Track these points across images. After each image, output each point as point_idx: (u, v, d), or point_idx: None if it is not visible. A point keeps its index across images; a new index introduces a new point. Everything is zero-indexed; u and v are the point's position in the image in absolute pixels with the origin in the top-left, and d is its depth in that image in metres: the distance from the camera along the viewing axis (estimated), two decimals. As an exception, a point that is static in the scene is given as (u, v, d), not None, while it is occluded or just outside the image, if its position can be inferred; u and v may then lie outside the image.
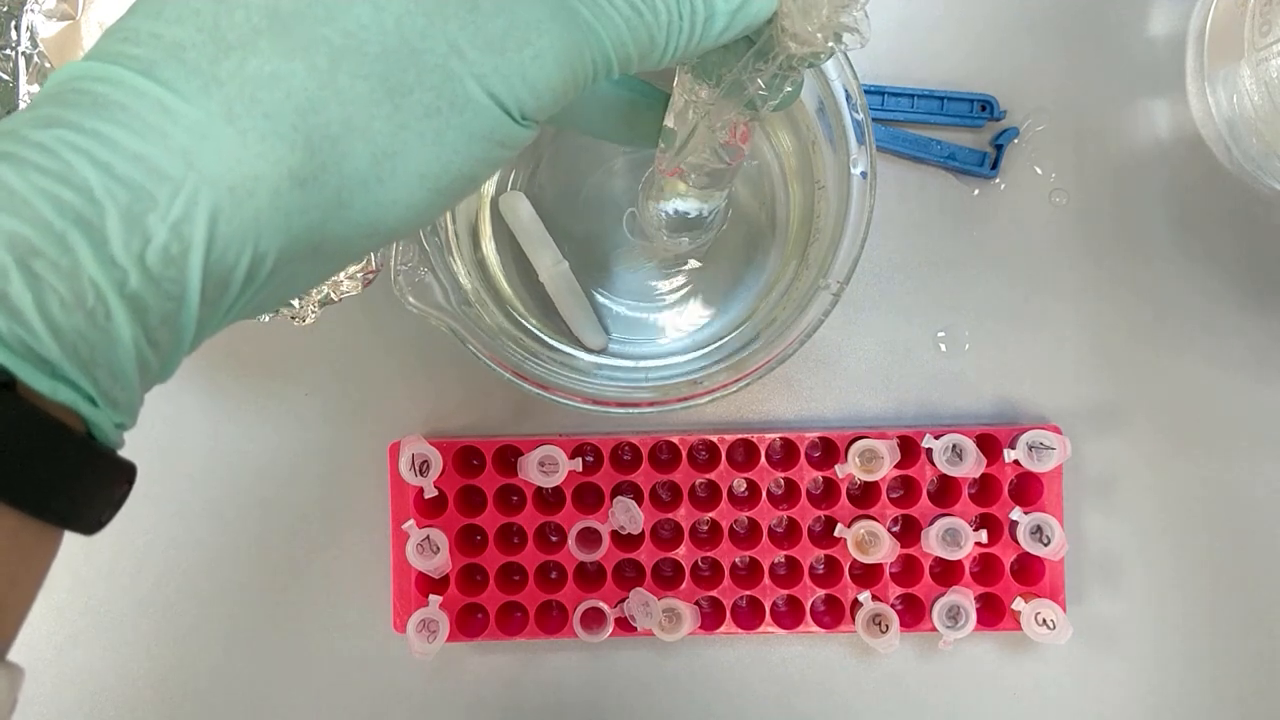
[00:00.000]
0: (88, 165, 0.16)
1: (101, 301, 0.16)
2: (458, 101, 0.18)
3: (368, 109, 0.18)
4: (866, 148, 0.29)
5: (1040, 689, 0.38)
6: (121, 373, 0.17)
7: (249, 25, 0.17)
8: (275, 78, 0.17)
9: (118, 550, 0.38)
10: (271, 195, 0.17)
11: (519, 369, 0.30)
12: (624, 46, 0.20)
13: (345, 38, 0.17)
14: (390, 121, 0.18)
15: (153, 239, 0.16)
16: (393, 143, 0.18)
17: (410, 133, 0.18)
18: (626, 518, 0.35)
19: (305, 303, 0.33)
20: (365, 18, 0.17)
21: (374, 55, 0.18)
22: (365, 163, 0.18)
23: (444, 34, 0.18)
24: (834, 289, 0.29)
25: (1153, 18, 0.38)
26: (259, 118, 0.17)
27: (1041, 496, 0.36)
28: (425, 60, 0.18)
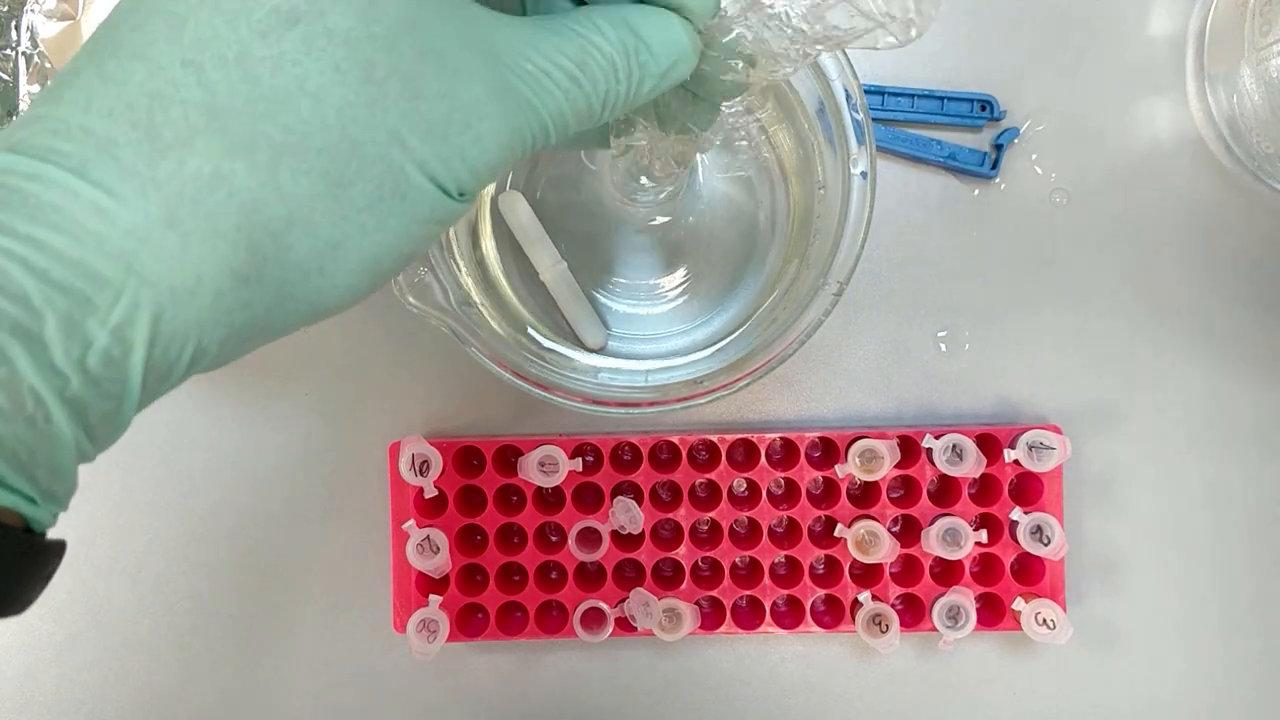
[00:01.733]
0: (24, 273, 0.16)
1: (41, 407, 0.16)
2: (399, 189, 0.18)
3: (310, 204, 0.18)
4: (866, 148, 0.29)
5: (1040, 689, 0.38)
6: (61, 470, 0.17)
7: (186, 123, 0.17)
8: (216, 178, 0.17)
9: (118, 551, 0.38)
10: (214, 295, 0.17)
11: (519, 369, 0.30)
12: (562, 117, 0.20)
13: (286, 133, 0.17)
14: (332, 214, 0.18)
15: (93, 344, 0.16)
16: (335, 234, 0.18)
17: (352, 223, 0.18)
18: (627, 518, 0.35)
19: None
20: (306, 112, 0.17)
21: (316, 150, 0.17)
22: (307, 255, 0.18)
23: (385, 124, 0.18)
24: (834, 289, 0.29)
25: (1153, 18, 0.38)
26: (201, 220, 0.17)
27: (1041, 496, 0.36)
28: (367, 151, 0.18)
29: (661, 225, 0.34)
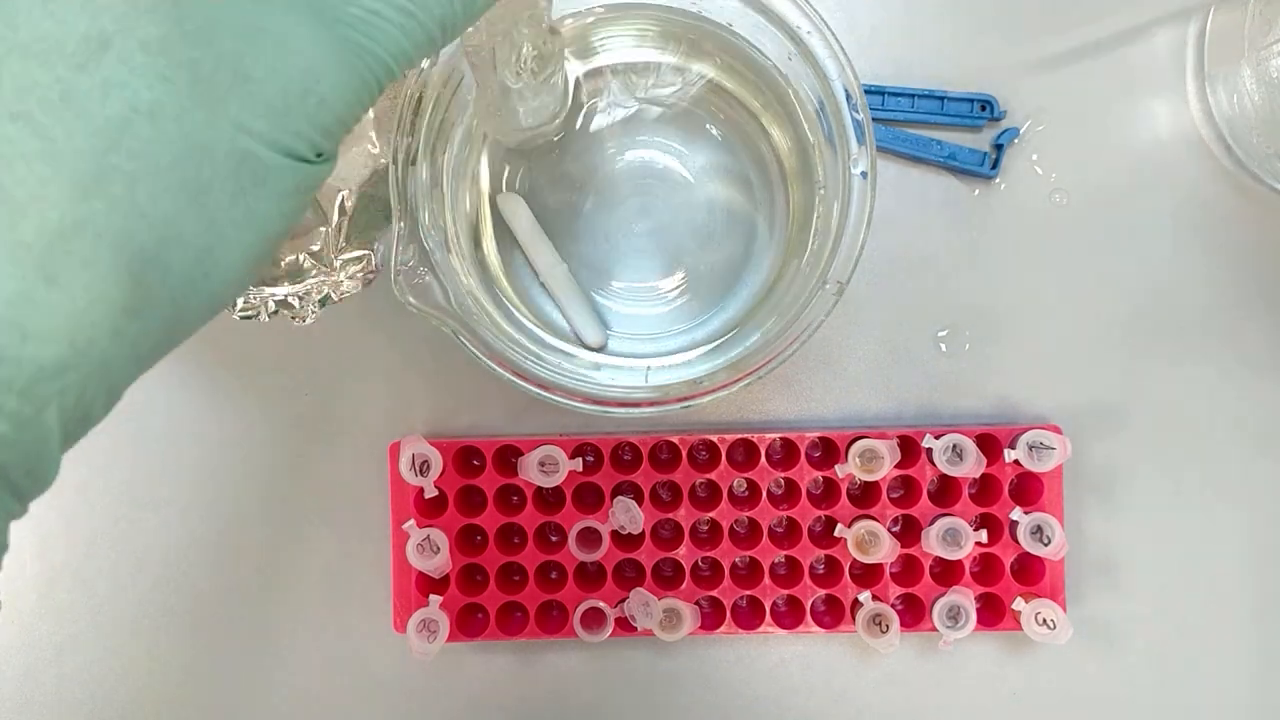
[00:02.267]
0: None
1: None
2: (258, 176, 0.18)
3: (177, 220, 0.17)
4: (866, 148, 0.29)
5: (1040, 689, 0.38)
6: None
7: (33, 177, 0.16)
8: (79, 224, 0.16)
9: (118, 550, 0.38)
10: (112, 335, 0.17)
11: (519, 369, 0.30)
12: (404, 54, 0.20)
13: (133, 159, 0.17)
14: (201, 222, 0.18)
15: (2, 410, 0.16)
16: (209, 239, 0.18)
17: (223, 224, 0.18)
18: (627, 518, 0.35)
19: (305, 303, 0.33)
20: (146, 132, 0.17)
21: (167, 166, 0.17)
22: (189, 267, 0.18)
23: (226, 117, 0.18)
24: (834, 289, 0.29)
25: (1153, 18, 0.38)
26: (76, 269, 0.16)
27: (1042, 496, 0.36)
28: (217, 150, 0.18)
29: (662, 225, 0.34)
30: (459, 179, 0.33)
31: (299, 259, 0.34)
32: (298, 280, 0.33)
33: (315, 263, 0.34)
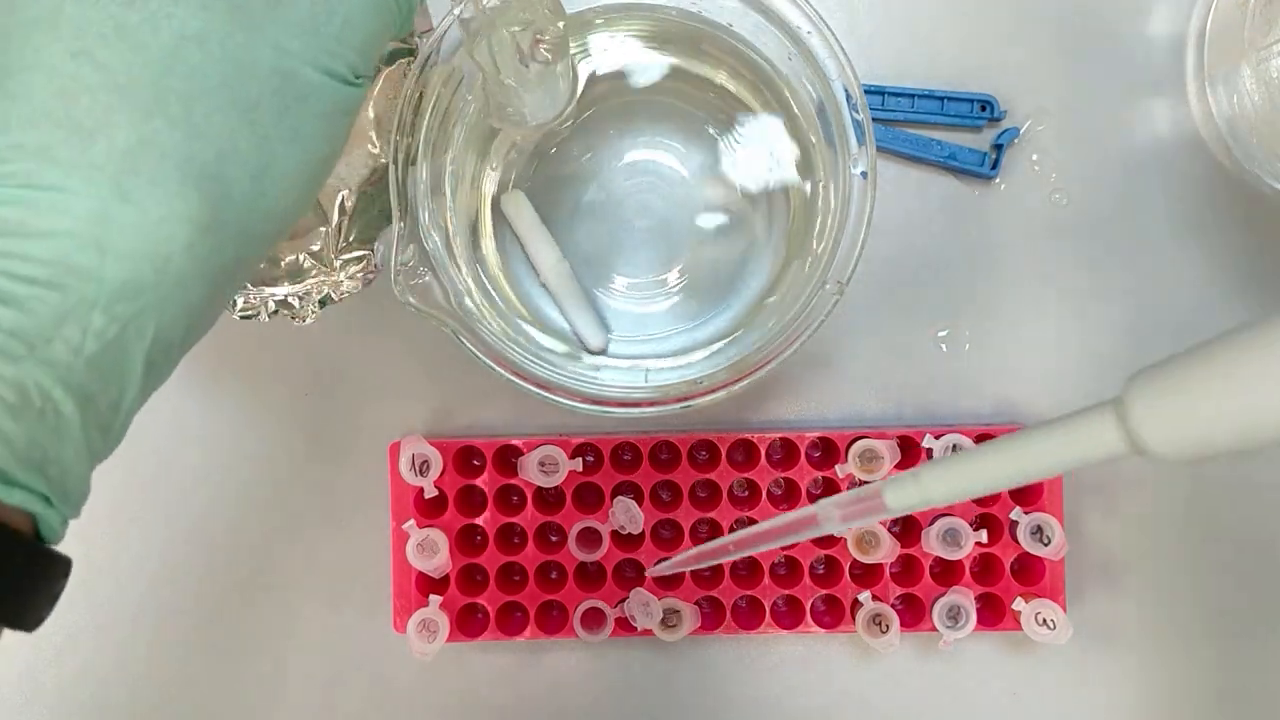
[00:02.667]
0: (10, 281, 0.17)
1: (49, 400, 0.17)
2: (301, 93, 0.20)
3: (231, 136, 0.19)
4: (866, 148, 0.29)
5: (1040, 689, 0.38)
6: (72, 467, 0.19)
7: (99, 106, 0.18)
8: (144, 143, 0.18)
9: (118, 550, 0.38)
10: (186, 250, 0.18)
11: (519, 369, 0.30)
12: None
13: (187, 81, 0.18)
14: (253, 139, 0.19)
15: (89, 328, 0.17)
16: (262, 157, 0.19)
17: (274, 141, 0.19)
18: (626, 517, 0.35)
19: (305, 303, 0.33)
20: (195, 56, 0.18)
21: (216, 86, 0.19)
22: (247, 184, 0.19)
23: (265, 39, 0.19)
24: (834, 289, 0.29)
25: (1153, 18, 0.38)
26: (146, 184, 0.18)
27: (1042, 496, 0.36)
28: (260, 69, 0.19)
29: (662, 225, 0.34)
30: (459, 179, 0.33)
31: (299, 259, 0.34)
32: (298, 280, 0.33)
33: (315, 263, 0.34)
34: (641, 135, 0.34)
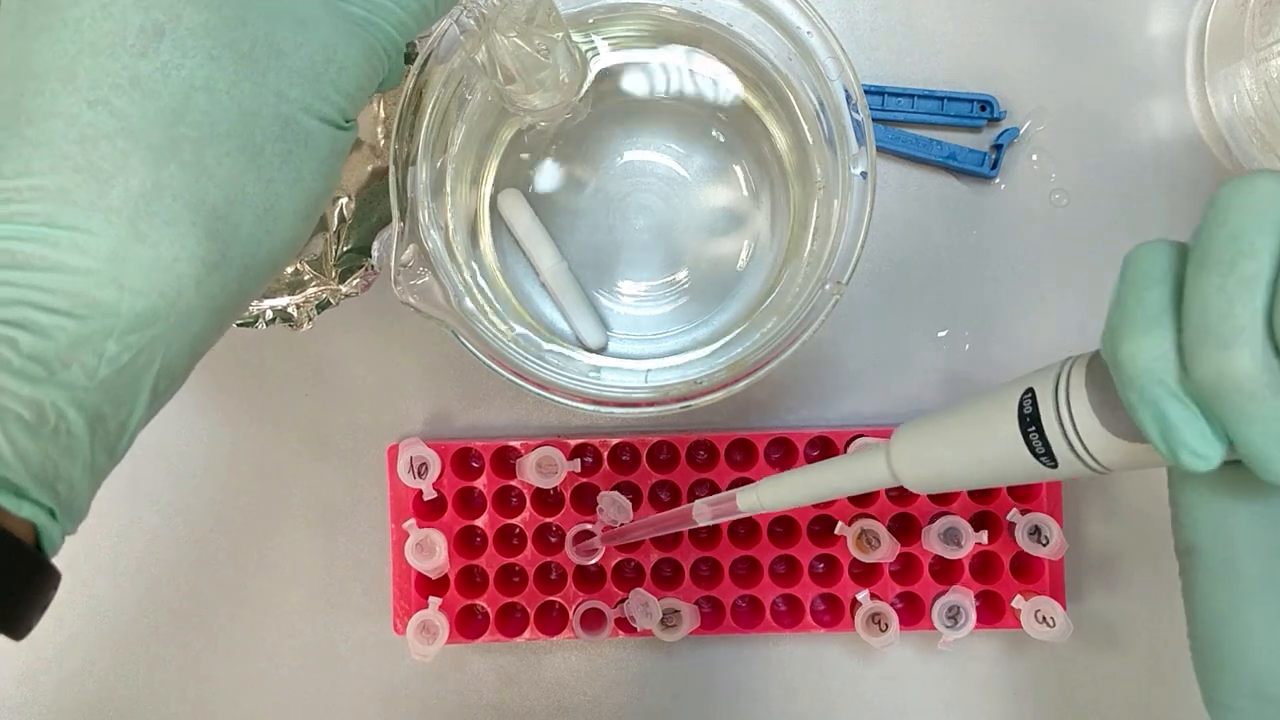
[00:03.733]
0: (34, 310, 0.18)
1: (64, 420, 0.19)
2: (301, 138, 0.21)
3: (240, 180, 0.20)
4: (866, 148, 0.29)
5: (1040, 687, 0.38)
6: (79, 484, 0.20)
7: (116, 152, 0.19)
8: (159, 187, 0.19)
9: (118, 550, 0.38)
10: (195, 287, 0.20)
11: (519, 369, 0.30)
12: (405, 26, 0.23)
13: (197, 128, 0.19)
14: (260, 180, 0.20)
15: (104, 355, 0.19)
16: (267, 197, 0.21)
17: (278, 183, 0.21)
18: (615, 509, 0.35)
19: (303, 311, 0.33)
20: (205, 103, 0.20)
21: (225, 132, 0.20)
22: (253, 225, 0.20)
23: (268, 86, 0.20)
24: (834, 289, 0.29)
25: (1153, 18, 0.38)
26: (160, 226, 0.19)
27: (1041, 494, 0.36)
28: (265, 116, 0.20)
29: (662, 225, 0.34)
30: (458, 179, 0.33)
31: (299, 269, 0.34)
32: (298, 291, 0.34)
33: (315, 272, 0.34)
34: (641, 135, 0.34)
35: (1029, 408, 0.21)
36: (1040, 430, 0.21)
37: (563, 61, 0.29)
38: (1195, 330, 0.18)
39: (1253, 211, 0.18)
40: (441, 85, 0.30)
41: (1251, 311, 0.17)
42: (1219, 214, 0.18)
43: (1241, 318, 0.17)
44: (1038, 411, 0.21)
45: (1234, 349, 0.17)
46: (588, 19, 0.33)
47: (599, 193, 0.34)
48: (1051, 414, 0.21)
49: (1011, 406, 0.22)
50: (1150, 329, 0.19)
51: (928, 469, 0.24)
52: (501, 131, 0.34)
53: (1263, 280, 0.17)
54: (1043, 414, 0.21)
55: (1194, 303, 0.18)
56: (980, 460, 0.23)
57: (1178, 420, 0.18)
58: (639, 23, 0.33)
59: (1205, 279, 0.18)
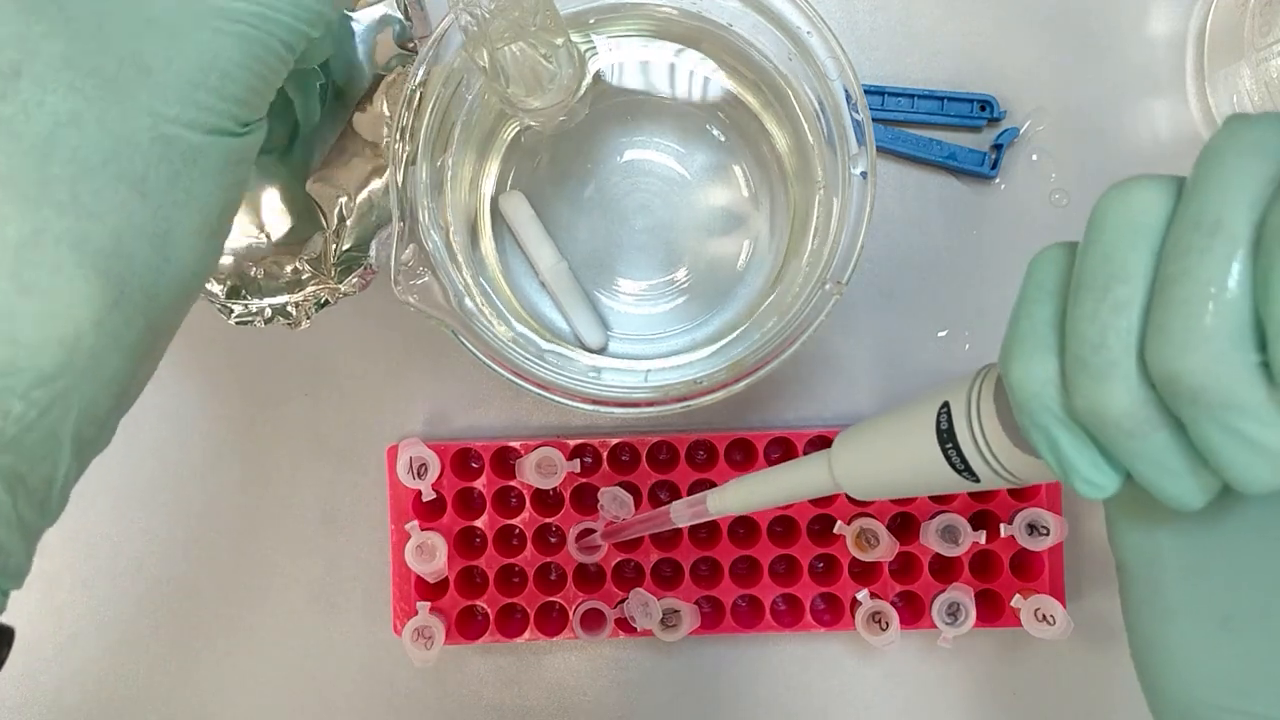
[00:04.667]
0: None
1: None
2: (188, 155, 0.20)
3: (125, 212, 0.19)
4: (866, 148, 0.29)
5: (1041, 685, 0.38)
6: (11, 544, 0.19)
7: None
8: (37, 233, 0.18)
9: (117, 550, 0.38)
10: (96, 329, 0.19)
11: (519, 369, 0.30)
12: (297, 32, 0.21)
13: (69, 165, 0.18)
14: (147, 207, 0.19)
15: (9, 415, 0.18)
16: (160, 223, 0.19)
17: (169, 207, 0.19)
18: (616, 505, 0.35)
19: (301, 309, 0.33)
20: (73, 138, 0.18)
21: (100, 164, 0.18)
22: (149, 254, 0.19)
23: (140, 109, 0.19)
24: (834, 289, 0.29)
25: (1153, 18, 0.38)
26: (46, 274, 0.18)
27: (1040, 493, 0.36)
28: (139, 140, 0.19)
29: (662, 225, 0.34)
30: (458, 179, 0.33)
31: (298, 267, 0.34)
32: (296, 290, 0.34)
33: (313, 271, 0.34)
34: (640, 135, 0.34)
35: (945, 423, 0.21)
36: (957, 447, 0.21)
37: (563, 63, 0.29)
38: (1072, 360, 0.17)
39: (1127, 227, 0.16)
40: (441, 85, 0.30)
41: (1124, 345, 0.16)
42: (1094, 230, 0.17)
43: (1114, 349, 0.16)
44: (953, 428, 0.21)
45: (1108, 383, 0.16)
46: (588, 19, 0.32)
47: (599, 192, 0.34)
48: (965, 431, 0.20)
49: (930, 421, 0.21)
50: (1037, 351, 0.18)
51: (865, 480, 0.24)
52: (501, 131, 0.34)
53: (1135, 306, 0.16)
54: (958, 430, 0.21)
55: (1071, 330, 0.17)
56: (911, 472, 0.22)
57: (1068, 449, 0.17)
58: (638, 22, 0.33)
59: (1081, 303, 0.17)
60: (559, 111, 0.31)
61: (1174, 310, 0.15)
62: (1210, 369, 0.15)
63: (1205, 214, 0.15)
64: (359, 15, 0.34)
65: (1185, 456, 0.16)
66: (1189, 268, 0.15)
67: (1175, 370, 0.15)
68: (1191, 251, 0.15)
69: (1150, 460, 0.16)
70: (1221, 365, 0.14)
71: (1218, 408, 0.15)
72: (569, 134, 0.34)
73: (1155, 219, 0.16)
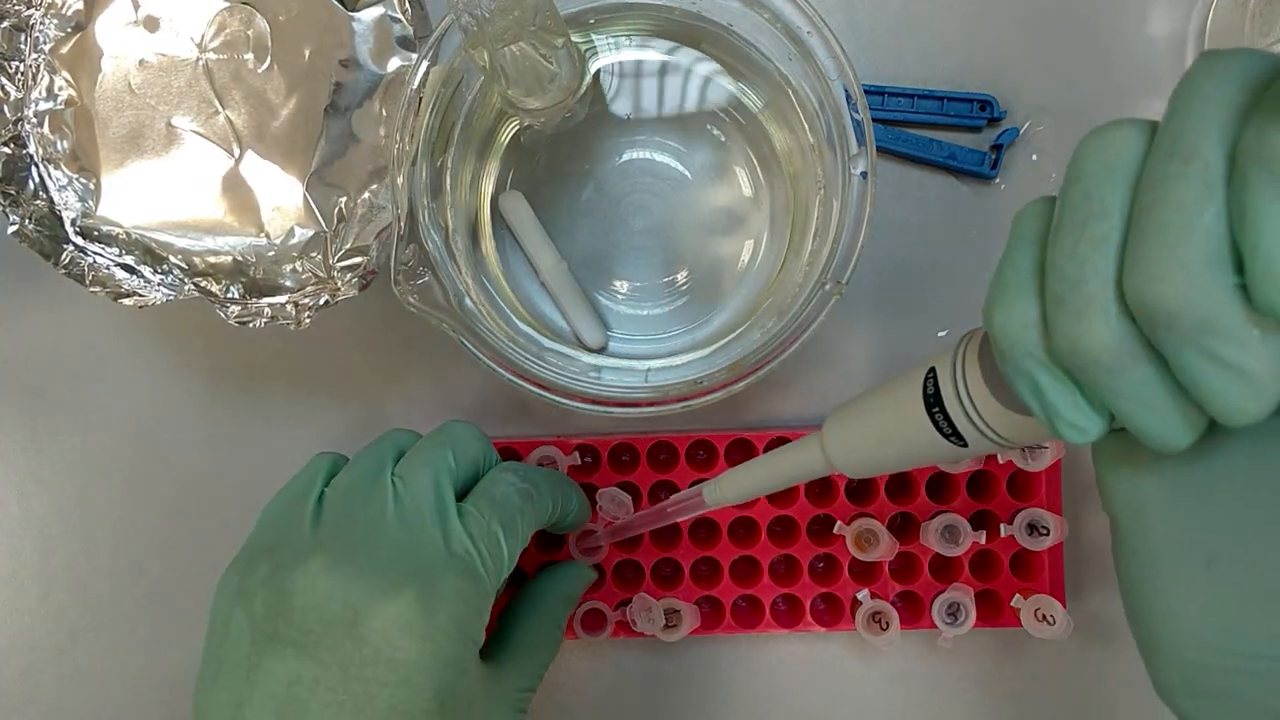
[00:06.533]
0: None
1: None
2: None
3: None
4: (866, 148, 0.29)
5: (1041, 685, 0.38)
6: None
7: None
8: None
9: (118, 550, 0.38)
10: None
11: (519, 369, 0.30)
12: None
13: None
14: None
15: None
16: None
17: None
18: (614, 506, 0.35)
19: (301, 309, 0.33)
20: None
21: None
22: None
23: None
24: (834, 289, 0.29)
25: (1153, 18, 0.38)
26: None
27: (1040, 493, 0.36)
28: None
29: (662, 225, 0.34)
30: (458, 179, 0.33)
31: (297, 268, 0.34)
32: (296, 290, 0.34)
33: (314, 271, 0.34)
34: (640, 135, 0.34)
35: (931, 388, 0.21)
36: (944, 410, 0.21)
37: (563, 63, 0.29)
38: (1052, 299, 0.17)
39: (1104, 166, 0.16)
40: (441, 85, 0.30)
41: (1103, 278, 0.16)
42: (1074, 170, 0.17)
43: (1093, 284, 0.16)
44: (939, 391, 0.21)
45: (1087, 319, 0.16)
46: (588, 19, 0.33)
47: (599, 193, 0.34)
48: (951, 392, 0.20)
49: (917, 388, 0.21)
50: (1021, 296, 0.17)
51: (858, 456, 0.24)
52: (501, 132, 0.34)
53: (1113, 243, 0.16)
54: (944, 393, 0.21)
55: (1050, 268, 0.17)
56: (900, 443, 0.22)
57: (1051, 392, 0.17)
58: (639, 22, 0.33)
59: (1060, 243, 0.17)
60: (559, 111, 0.31)
61: (1150, 238, 0.15)
62: (1188, 293, 0.14)
63: (1179, 143, 0.15)
64: (359, 15, 0.34)
65: (1168, 391, 0.16)
66: (1164, 196, 0.15)
67: (1153, 297, 0.15)
68: (1166, 180, 0.15)
69: (1132, 397, 0.16)
70: (1198, 289, 0.14)
71: (1197, 332, 0.15)
72: (569, 134, 0.34)
73: (1131, 157, 0.16)
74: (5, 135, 0.34)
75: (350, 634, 0.25)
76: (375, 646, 0.25)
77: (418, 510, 0.27)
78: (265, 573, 0.26)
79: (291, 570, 0.26)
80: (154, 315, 0.38)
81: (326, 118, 0.33)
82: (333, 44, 0.33)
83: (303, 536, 0.27)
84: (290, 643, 0.25)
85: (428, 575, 0.26)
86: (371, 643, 0.25)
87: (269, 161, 0.34)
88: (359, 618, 0.25)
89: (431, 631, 0.25)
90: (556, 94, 0.30)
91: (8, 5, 0.34)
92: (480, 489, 0.29)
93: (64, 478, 0.38)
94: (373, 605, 0.25)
